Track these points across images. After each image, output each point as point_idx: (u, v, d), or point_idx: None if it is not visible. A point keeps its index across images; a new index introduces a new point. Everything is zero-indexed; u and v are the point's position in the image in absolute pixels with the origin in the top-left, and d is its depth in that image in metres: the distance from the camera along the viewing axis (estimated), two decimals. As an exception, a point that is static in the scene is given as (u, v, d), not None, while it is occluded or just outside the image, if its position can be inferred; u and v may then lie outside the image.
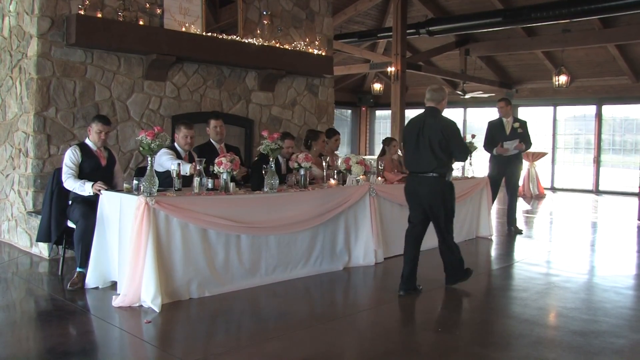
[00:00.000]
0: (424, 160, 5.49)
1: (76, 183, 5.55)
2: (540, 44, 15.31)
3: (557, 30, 14.43)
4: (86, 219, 5.40)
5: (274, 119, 9.35)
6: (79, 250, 5.40)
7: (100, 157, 5.84)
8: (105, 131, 5.80)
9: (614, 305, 5.32)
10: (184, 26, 7.88)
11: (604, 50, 15.09)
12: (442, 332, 4.63)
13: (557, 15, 12.47)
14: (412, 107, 19.42)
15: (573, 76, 15.76)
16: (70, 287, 5.33)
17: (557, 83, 14.86)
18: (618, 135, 17.14)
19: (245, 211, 5.53)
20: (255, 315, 4.98)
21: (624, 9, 11.91)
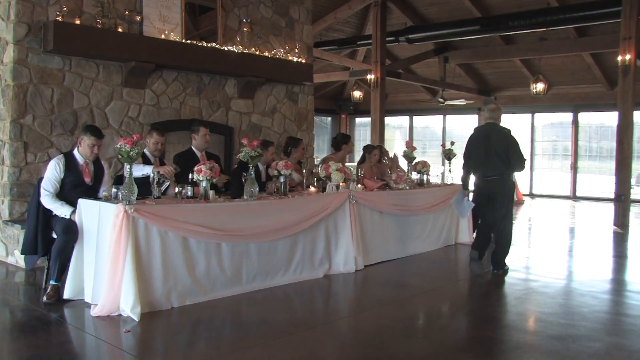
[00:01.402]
0: (492, 166, 6.65)
1: (55, 203, 5.38)
2: (518, 52, 15.50)
3: (534, 39, 14.63)
4: (67, 234, 5.22)
5: (253, 126, 9.34)
6: (56, 264, 5.22)
7: (85, 174, 5.57)
8: (98, 145, 5.58)
9: (591, 309, 5.39)
10: (163, 33, 7.86)
11: (579, 58, 15.33)
12: (422, 339, 4.65)
13: (534, 23, 12.68)
14: (392, 115, 19.64)
15: (550, 84, 15.96)
16: (48, 300, 5.19)
17: (535, 90, 15.03)
18: (594, 142, 17.38)
19: (225, 219, 5.51)
20: (236, 323, 4.96)
21: (597, 19, 12.20)
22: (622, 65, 10.79)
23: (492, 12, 13.96)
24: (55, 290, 5.25)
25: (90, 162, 5.63)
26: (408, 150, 8.37)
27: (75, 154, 5.59)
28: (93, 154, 5.57)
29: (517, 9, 13.22)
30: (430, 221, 8.14)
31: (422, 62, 16.86)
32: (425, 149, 19.85)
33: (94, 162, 5.67)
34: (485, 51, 15.94)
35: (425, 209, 7.97)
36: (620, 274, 7.26)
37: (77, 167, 5.55)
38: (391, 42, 14.64)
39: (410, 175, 8.20)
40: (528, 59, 16.10)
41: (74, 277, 5.24)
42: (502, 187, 6.73)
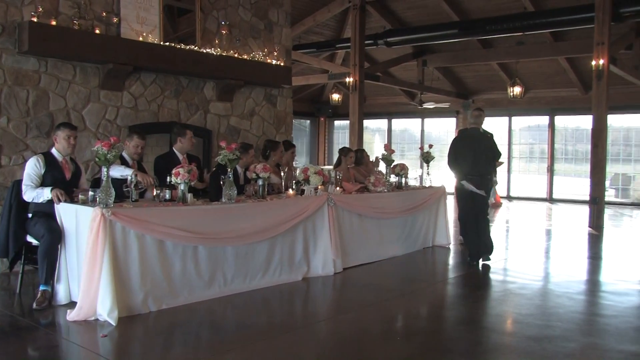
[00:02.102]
0: (482, 167, 7.41)
1: (35, 191, 5.33)
2: (496, 55, 15.67)
3: (512, 43, 14.80)
4: (52, 233, 5.15)
5: (232, 129, 9.31)
6: (44, 265, 5.11)
7: (65, 169, 5.59)
8: (74, 136, 5.59)
9: (566, 310, 5.45)
10: (141, 35, 7.81)
11: (555, 62, 15.53)
12: (400, 341, 4.67)
13: (511, 28, 12.84)
14: (371, 118, 19.71)
15: (527, 87, 16.15)
16: (37, 307, 5.06)
17: (512, 94, 15.20)
18: (570, 145, 17.60)
19: (203, 222, 5.49)
20: (213, 326, 4.94)
21: (572, 24, 12.39)
22: (596, 70, 10.94)
23: (470, 16, 14.10)
24: (44, 295, 5.14)
25: (69, 159, 5.66)
26: (386, 153, 8.40)
27: (54, 152, 5.60)
28: (70, 145, 5.58)
29: (494, 13, 13.38)
30: (408, 224, 8.18)
31: (401, 66, 16.96)
32: (404, 151, 19.95)
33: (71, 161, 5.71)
34: (463, 55, 16.08)
35: (404, 212, 8.00)
36: (595, 275, 7.36)
37: (57, 164, 5.55)
38: (370, 45, 14.71)
39: (389, 178, 8.23)
40: (505, 63, 16.26)
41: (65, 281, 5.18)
42: (488, 186, 7.56)
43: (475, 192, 7.38)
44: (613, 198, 16.69)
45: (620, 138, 16.81)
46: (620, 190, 16.97)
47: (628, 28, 13.01)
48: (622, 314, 5.35)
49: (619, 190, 16.99)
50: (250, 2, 9.53)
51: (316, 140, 21.57)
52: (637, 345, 4.56)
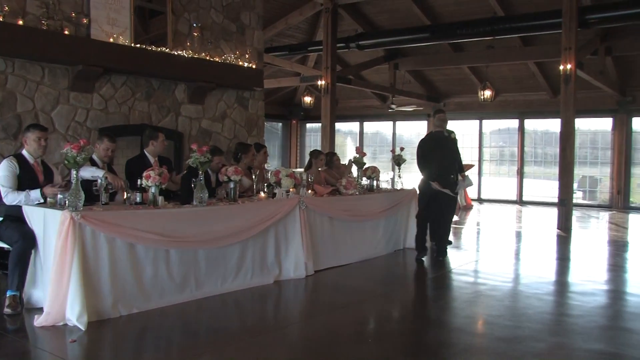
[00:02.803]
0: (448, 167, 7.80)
1: (19, 195, 5.23)
2: (466, 59, 15.85)
3: (482, 47, 14.97)
4: (25, 240, 5.04)
5: (203, 132, 9.27)
6: (16, 271, 5.00)
7: (38, 172, 5.50)
8: (44, 137, 5.51)
9: (536, 311, 5.54)
10: (111, 37, 7.72)
11: (525, 66, 15.75)
12: (372, 343, 4.69)
13: (481, 32, 12.99)
14: (343, 120, 19.77)
15: (497, 91, 16.34)
16: (11, 311, 4.94)
17: (483, 97, 15.36)
18: (539, 148, 17.85)
19: (174, 225, 5.45)
20: (185, 330, 4.90)
21: (541, 29, 12.61)
22: (563, 75, 11.12)
23: (442, 21, 14.23)
24: (14, 300, 5.02)
25: (40, 162, 5.58)
26: (358, 156, 8.43)
27: (24, 153, 5.51)
28: (41, 147, 5.50)
29: (465, 17, 13.52)
30: (380, 226, 8.22)
31: (373, 69, 17.04)
32: (376, 154, 20.04)
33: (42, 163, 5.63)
34: (435, 58, 16.22)
35: (375, 214, 8.04)
36: (563, 276, 7.48)
37: (29, 166, 5.47)
38: (342, 48, 14.75)
39: (360, 181, 8.26)
40: (476, 67, 16.45)
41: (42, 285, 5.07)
42: (453, 186, 7.82)
43: (439, 192, 7.69)
44: (581, 200, 16.98)
45: (587, 141, 17.11)
46: (587, 193, 17.27)
47: (593, 34, 13.27)
48: (588, 314, 5.46)
49: (586, 193, 17.28)
50: (222, 4, 9.51)
51: (288, 143, 21.56)
52: (603, 344, 4.66)
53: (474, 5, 13.39)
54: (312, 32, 16.28)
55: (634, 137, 16.19)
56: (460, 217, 13.53)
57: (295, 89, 20.28)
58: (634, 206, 16.08)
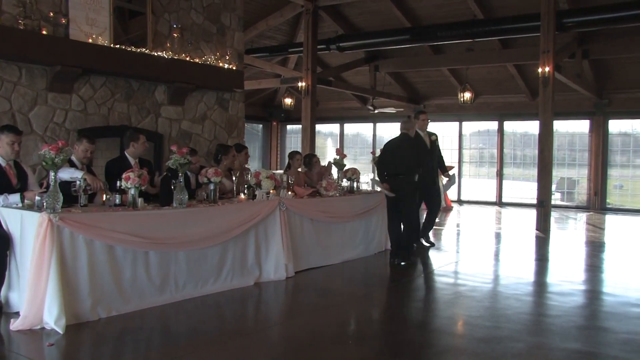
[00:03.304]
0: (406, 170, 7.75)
1: None
2: (446, 61, 15.96)
3: (462, 49, 15.08)
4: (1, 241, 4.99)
5: (183, 133, 9.22)
6: None
7: (10, 175, 5.40)
8: (18, 141, 5.41)
9: (514, 311, 5.59)
10: (91, 37, 7.65)
11: (504, 69, 15.90)
12: (352, 344, 4.70)
13: (461, 34, 13.10)
14: (323, 122, 19.79)
15: (477, 93, 16.46)
16: None
17: (462, 99, 15.46)
18: (519, 150, 18.02)
19: (154, 227, 5.42)
20: (164, 333, 4.88)
21: (519, 32, 12.74)
22: (542, 77, 11.24)
23: (422, 23, 14.32)
24: None
25: (13, 164, 5.48)
26: (338, 157, 8.45)
27: None
28: (14, 151, 5.41)
29: (445, 20, 13.62)
30: (361, 228, 8.24)
31: (353, 70, 17.08)
32: (356, 156, 20.08)
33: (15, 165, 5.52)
34: (415, 60, 16.31)
35: (356, 216, 8.06)
36: (541, 277, 7.56)
37: (1, 169, 5.37)
38: (322, 50, 14.77)
39: (341, 183, 8.28)
40: (456, 69, 16.56)
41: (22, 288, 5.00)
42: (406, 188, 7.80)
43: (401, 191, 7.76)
44: (559, 201, 17.18)
45: (565, 143, 17.31)
46: (565, 194, 17.46)
47: (571, 37, 13.43)
48: (566, 314, 5.52)
49: (564, 194, 17.48)
50: (203, 5, 9.47)
51: (268, 145, 21.53)
52: (580, 343, 4.72)
53: (454, 8, 13.49)
54: (292, 34, 16.29)
55: (610, 139, 16.41)
56: (440, 219, 13.61)
57: (276, 91, 20.27)
58: (610, 207, 16.29)
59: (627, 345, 4.63)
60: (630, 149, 16.44)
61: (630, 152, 16.44)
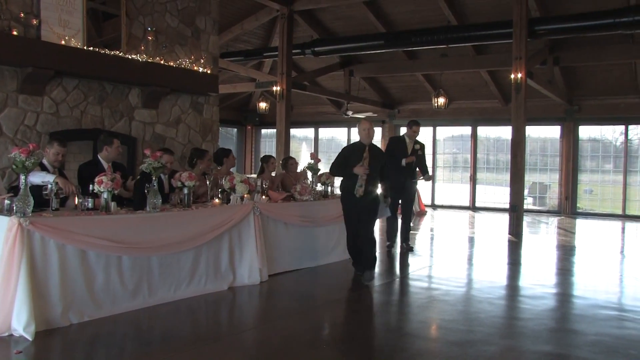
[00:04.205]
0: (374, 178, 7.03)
1: None
2: (421, 67, 16.09)
3: (436, 55, 15.22)
4: None
5: (157, 137, 9.16)
6: None
7: None
8: None
9: (487, 315, 5.65)
10: (63, 39, 7.56)
11: (477, 75, 16.07)
12: (326, 349, 4.70)
13: (435, 40, 13.22)
14: (298, 126, 19.80)
15: (450, 98, 16.60)
16: None
17: (436, 104, 15.58)
18: (492, 155, 18.22)
19: (127, 231, 5.37)
20: (137, 338, 4.83)
21: (492, 39, 12.93)
22: (514, 83, 11.38)
23: (396, 28, 14.41)
24: None
25: None
26: (313, 162, 8.45)
27: None
28: None
29: (419, 26, 13.74)
30: (335, 232, 8.24)
31: (328, 75, 17.13)
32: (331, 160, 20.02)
33: None
34: (390, 65, 16.41)
35: (330, 220, 8.06)
36: (514, 280, 7.64)
37: None
38: (297, 54, 14.80)
39: (315, 187, 8.28)
40: (430, 74, 16.71)
41: None
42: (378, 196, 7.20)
43: (355, 201, 6.93)
44: (531, 206, 17.39)
45: (537, 148, 17.54)
46: (537, 199, 17.69)
47: (543, 44, 13.64)
48: (538, 317, 5.60)
49: (536, 199, 17.71)
50: (177, 8, 9.42)
51: (243, 149, 21.46)
52: (551, 346, 4.79)
53: (429, 14, 13.61)
54: (267, 38, 16.28)
55: (580, 144, 16.69)
56: (414, 223, 13.69)
57: (251, 95, 20.23)
58: (580, 212, 16.55)
59: (595, 346, 4.71)
60: (599, 154, 16.74)
61: (600, 158, 16.74)
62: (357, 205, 6.96)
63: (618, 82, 15.26)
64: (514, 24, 11.35)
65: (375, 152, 7.14)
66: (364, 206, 6.94)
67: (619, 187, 16.18)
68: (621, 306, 6.21)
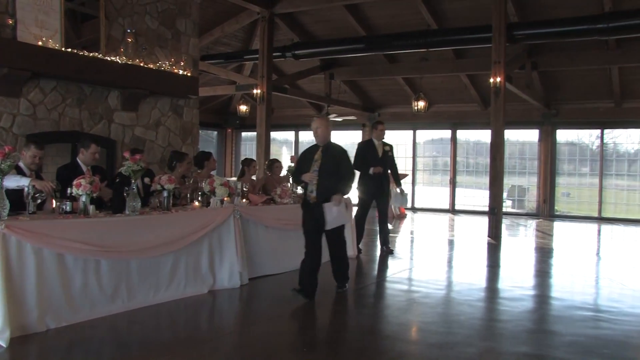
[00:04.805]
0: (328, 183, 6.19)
1: None
2: (401, 70, 16.17)
3: (416, 59, 15.31)
4: None
5: (137, 139, 9.09)
6: None
7: None
8: None
9: (467, 317, 5.68)
10: (40, 40, 7.48)
11: (457, 78, 16.19)
12: (307, 352, 4.69)
13: (415, 44, 13.32)
14: (278, 129, 19.78)
15: (430, 102, 16.69)
16: None
17: (416, 108, 15.64)
18: (471, 158, 18.36)
19: (106, 235, 5.31)
20: (116, 343, 4.79)
21: (472, 43, 13.07)
22: (493, 87, 11.48)
23: (377, 32, 14.47)
24: None
25: None
26: (293, 165, 8.45)
27: None
28: None
29: (400, 29, 13.80)
30: (315, 235, 8.22)
31: (308, 78, 17.13)
32: (312, 163, 20.05)
33: None
34: (370, 69, 16.47)
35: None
36: (493, 283, 7.70)
37: None
38: (278, 57, 14.79)
39: (295, 190, 8.27)
40: (410, 78, 16.79)
41: None
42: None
43: (310, 208, 6.26)
44: (510, 209, 17.54)
45: (516, 152, 17.71)
46: (516, 202, 17.85)
47: (521, 49, 13.77)
48: (516, 319, 5.64)
49: (515, 202, 17.87)
50: (158, 10, 9.38)
51: (223, 152, 21.37)
52: (529, 347, 4.83)
53: (409, 18, 13.67)
54: (248, 41, 16.25)
55: (558, 148, 16.89)
56: (394, 226, 13.74)
57: (231, 98, 20.17)
58: (558, 214, 16.74)
59: (572, 347, 4.77)
60: (576, 158, 16.95)
61: (577, 161, 16.95)
62: (313, 213, 6.18)
63: (594, 87, 15.48)
64: (493, 29, 11.44)
65: (330, 153, 6.30)
66: (321, 214, 6.10)
67: (595, 190, 16.40)
68: (597, 307, 6.29)
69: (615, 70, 14.44)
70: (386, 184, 9.25)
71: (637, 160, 16.38)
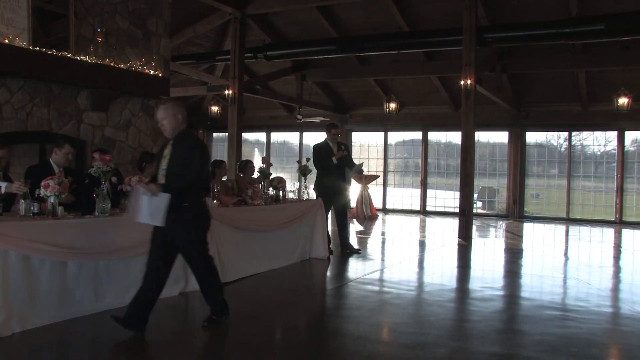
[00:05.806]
0: None
1: None
2: (373, 72, 16.24)
3: (388, 60, 15.38)
4: None
5: (107, 140, 8.99)
6: None
7: None
8: None
9: (437, 317, 5.73)
10: (7, 38, 7.35)
11: (428, 80, 16.31)
12: (279, 354, 4.69)
13: (387, 46, 13.41)
14: (250, 130, 19.74)
15: (402, 103, 16.74)
16: None
17: (388, 109, 15.69)
18: (442, 159, 18.50)
19: (75, 236, 5.24)
20: (83, 346, 4.73)
21: (443, 45, 13.21)
22: (464, 89, 11.59)
23: (349, 34, 14.51)
24: None
25: None
26: (264, 166, 8.43)
27: None
28: None
29: (372, 31, 13.88)
30: (286, 236, 8.23)
31: (280, 79, 17.11)
32: (283, 164, 20.08)
33: None
34: (342, 70, 16.51)
35: (281, 225, 8.05)
36: (463, 283, 7.77)
37: None
38: (250, 58, 14.74)
39: (267, 191, 8.26)
40: (382, 79, 16.86)
41: None
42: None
43: None
44: (480, 210, 17.72)
45: (486, 153, 17.91)
46: (486, 203, 18.03)
47: (491, 52, 13.93)
48: (486, 319, 5.71)
49: (485, 203, 18.05)
50: (128, 9, 9.29)
51: (195, 153, 21.17)
52: (498, 346, 4.90)
53: (381, 20, 13.74)
54: (220, 42, 16.18)
55: (527, 150, 17.13)
56: (365, 227, 13.79)
57: (202, 98, 20.05)
58: (528, 215, 16.96)
59: (540, 346, 4.84)
60: (545, 159, 17.21)
61: (546, 163, 17.20)
62: None
63: (562, 90, 15.74)
64: (464, 32, 11.56)
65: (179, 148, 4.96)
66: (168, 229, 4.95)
67: (563, 192, 16.67)
68: (564, 306, 6.39)
69: (582, 74, 14.71)
70: (342, 184, 9.30)
71: (602, 162, 16.69)
